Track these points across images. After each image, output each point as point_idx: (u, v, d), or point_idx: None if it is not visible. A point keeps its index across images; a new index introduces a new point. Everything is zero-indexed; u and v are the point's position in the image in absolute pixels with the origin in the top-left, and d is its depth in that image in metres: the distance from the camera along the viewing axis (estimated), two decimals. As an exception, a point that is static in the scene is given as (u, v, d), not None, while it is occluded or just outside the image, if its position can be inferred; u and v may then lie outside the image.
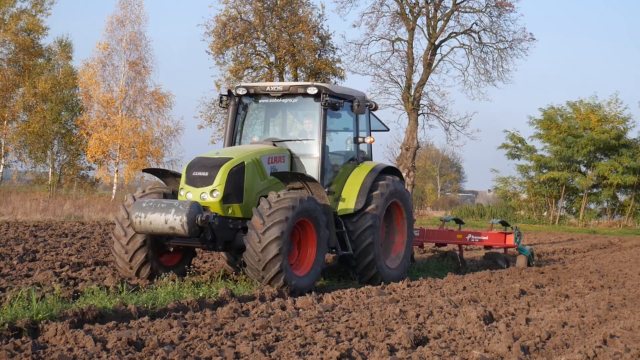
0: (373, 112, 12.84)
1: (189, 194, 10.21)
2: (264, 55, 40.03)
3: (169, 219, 9.46)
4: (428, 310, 8.74)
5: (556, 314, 8.71)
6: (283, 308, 8.54)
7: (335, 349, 6.28)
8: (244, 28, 38.81)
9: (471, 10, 44.17)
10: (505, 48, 43.89)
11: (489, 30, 43.92)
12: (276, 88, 11.59)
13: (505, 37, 43.70)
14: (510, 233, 15.14)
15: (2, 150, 41.68)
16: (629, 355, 6.70)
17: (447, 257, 15.08)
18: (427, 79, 44.15)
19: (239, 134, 11.94)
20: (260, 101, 11.92)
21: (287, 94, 11.51)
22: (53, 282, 9.38)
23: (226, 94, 11.99)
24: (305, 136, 11.68)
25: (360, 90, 12.62)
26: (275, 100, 11.65)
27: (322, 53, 40.73)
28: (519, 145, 48.12)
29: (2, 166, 41.99)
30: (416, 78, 44.30)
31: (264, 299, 9.08)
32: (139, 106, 39.14)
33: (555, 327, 7.92)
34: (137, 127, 38.47)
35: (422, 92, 44.12)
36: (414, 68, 44.13)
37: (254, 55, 40.00)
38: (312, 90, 11.22)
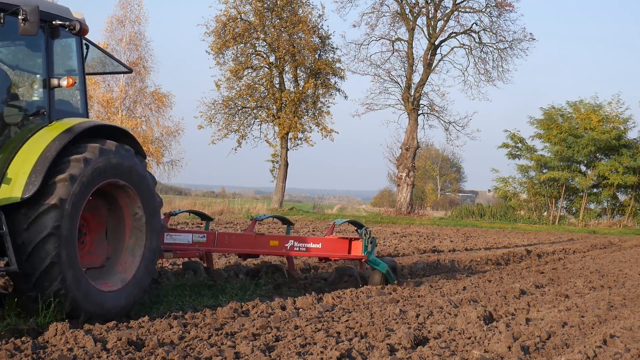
0: (91, 42, 8.30)
1: None
2: (264, 55, 40.05)
3: None
4: (428, 310, 8.74)
5: (556, 314, 8.72)
6: (283, 308, 8.55)
7: (335, 349, 6.28)
8: (244, 28, 38.83)
9: (471, 10, 44.28)
10: (505, 48, 44.04)
11: (489, 30, 44.05)
12: None
13: (505, 37, 43.85)
14: (357, 239, 11.13)
15: (2, 150, 41.68)
16: (629, 355, 6.70)
17: (189, 270, 10.17)
18: (427, 79, 44.26)
19: None
20: None
21: None
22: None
23: None
24: None
25: None
26: None
27: (322, 53, 40.75)
28: (519, 145, 48.15)
29: (2, 166, 41.99)
30: (416, 78, 44.44)
31: (264, 299, 9.07)
32: (139, 106, 39.16)
33: (555, 327, 7.92)
34: (137, 127, 38.48)
35: (422, 92, 44.20)
36: (414, 68, 44.21)
37: (254, 55, 40.04)
38: None
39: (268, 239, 10.48)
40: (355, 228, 11.45)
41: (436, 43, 44.42)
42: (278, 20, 39.50)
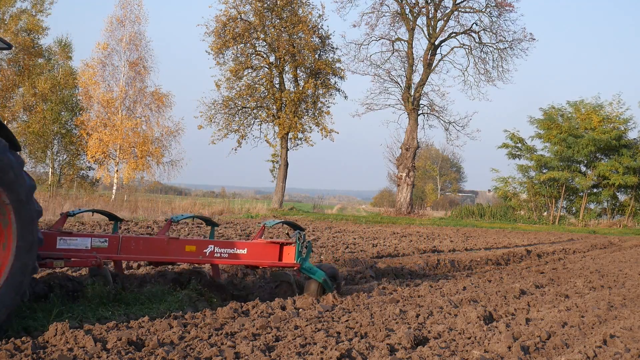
0: None
1: None
2: (264, 55, 40.05)
3: None
4: (428, 310, 8.74)
5: (556, 314, 8.72)
6: (283, 308, 8.55)
7: (335, 349, 6.28)
8: (244, 28, 38.83)
9: (471, 10, 44.29)
10: (505, 48, 44.06)
11: (489, 30, 44.06)
12: None
13: (505, 37, 43.87)
14: (289, 244, 9.69)
15: (2, 150, 41.65)
16: (629, 355, 6.70)
17: (97, 276, 8.69)
18: (427, 79, 44.27)
19: None
20: None
21: None
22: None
23: None
24: None
25: None
26: None
27: (322, 53, 40.74)
28: (519, 145, 48.16)
29: (2, 166, 41.97)
30: (416, 78, 44.46)
31: (264, 299, 9.08)
32: (139, 106, 39.20)
33: (555, 327, 7.92)
34: (137, 127, 38.51)
35: (422, 92, 44.21)
36: (414, 68, 44.23)
37: (254, 55, 40.03)
38: None
39: (183, 243, 8.92)
40: (296, 231, 9.81)
41: (436, 43, 44.43)
42: (278, 20, 39.51)
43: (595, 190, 47.11)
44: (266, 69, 40.18)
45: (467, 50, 44.78)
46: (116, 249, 8.32)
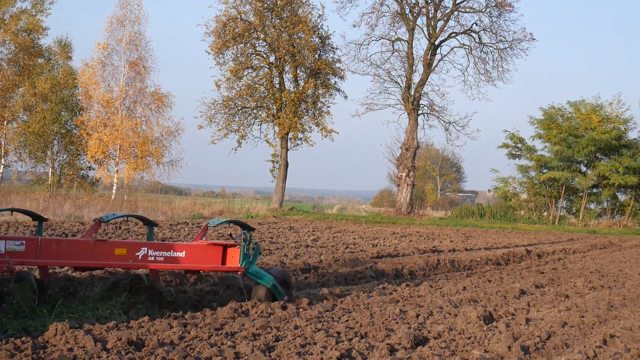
0: None
1: None
2: (264, 55, 40.04)
3: None
4: (428, 310, 8.74)
5: (556, 314, 8.72)
6: (283, 308, 8.55)
7: (335, 349, 6.28)
8: (244, 28, 38.83)
9: (471, 10, 44.29)
10: (505, 48, 44.05)
11: (489, 30, 44.06)
12: None
13: (505, 37, 43.87)
14: (234, 246, 8.78)
15: (2, 150, 41.69)
16: (629, 355, 6.70)
17: (25, 281, 7.65)
18: (427, 79, 44.27)
19: None
20: None
21: None
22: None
23: None
24: None
25: None
26: None
27: (322, 53, 40.73)
28: (519, 145, 48.16)
29: (2, 166, 42.01)
30: (416, 78, 44.46)
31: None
32: (139, 106, 39.18)
33: (555, 327, 7.92)
34: (137, 127, 38.51)
35: (422, 92, 44.21)
36: (414, 68, 44.23)
37: (254, 55, 40.02)
38: None
39: (112, 246, 7.98)
40: (242, 231, 8.83)
41: (436, 43, 44.44)
42: (278, 20, 39.51)
43: (595, 190, 47.11)
44: (266, 69, 40.19)
45: (467, 50, 44.81)
46: (34, 253, 7.45)
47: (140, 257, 8.08)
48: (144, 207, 27.76)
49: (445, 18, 44.09)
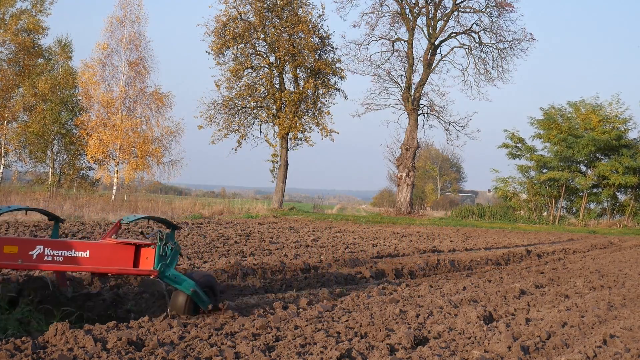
0: None
1: None
2: (264, 55, 40.05)
3: None
4: (428, 310, 8.74)
5: (556, 314, 8.72)
6: (284, 308, 8.54)
7: (335, 349, 6.28)
8: (244, 28, 38.83)
9: (471, 11, 44.28)
10: (505, 48, 44.05)
11: (489, 30, 44.05)
12: None
13: (505, 37, 43.87)
14: (147, 245, 7.69)
15: (2, 150, 41.69)
16: (629, 355, 6.70)
17: None
18: (427, 79, 44.27)
19: None
20: None
21: None
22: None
23: None
24: None
25: None
26: None
27: (322, 53, 40.73)
28: (519, 145, 48.16)
29: (2, 166, 42.01)
30: (416, 78, 44.46)
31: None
32: (139, 106, 39.17)
33: (555, 327, 7.92)
34: (137, 127, 38.50)
35: (422, 92, 44.21)
36: (414, 68, 44.22)
37: (254, 55, 40.03)
38: None
39: (1, 243, 6.72)
40: (159, 229, 7.93)
41: (436, 43, 44.43)
42: (278, 20, 39.51)
43: (595, 190, 47.11)
44: (266, 69, 40.19)
45: (467, 50, 44.80)
46: None
47: (34, 257, 6.92)
48: (144, 207, 27.77)
49: (445, 18, 44.08)
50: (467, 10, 44.28)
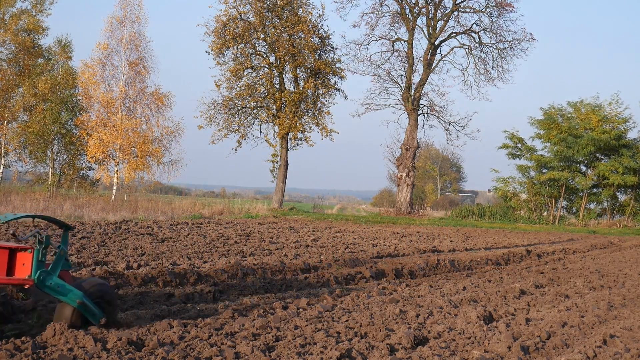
0: None
1: None
2: (264, 55, 40.04)
3: None
4: (428, 310, 8.73)
5: (556, 314, 8.71)
6: (284, 308, 8.54)
7: (335, 349, 6.28)
8: (244, 28, 38.82)
9: (471, 11, 44.28)
10: (505, 48, 44.04)
11: (489, 30, 44.04)
12: None
13: (505, 37, 43.86)
14: (24, 250, 6.55)
15: (2, 150, 41.69)
16: (629, 355, 6.70)
17: None
18: (427, 79, 44.27)
19: None
20: None
21: None
22: None
23: None
24: None
25: None
26: None
27: (322, 53, 40.72)
28: (519, 145, 48.15)
29: (2, 166, 42.00)
30: (416, 78, 44.45)
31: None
32: (139, 106, 39.16)
33: (555, 327, 7.92)
34: (137, 127, 38.49)
35: (422, 92, 44.21)
36: (414, 68, 44.22)
37: (254, 55, 40.02)
38: None
39: None
40: (37, 230, 6.77)
41: (436, 43, 44.42)
42: (278, 20, 39.50)
43: (595, 190, 47.10)
44: (266, 69, 40.18)
45: (467, 50, 44.79)
46: None
47: None
48: (144, 207, 27.78)
49: (445, 18, 44.08)
50: (467, 10, 44.28)
